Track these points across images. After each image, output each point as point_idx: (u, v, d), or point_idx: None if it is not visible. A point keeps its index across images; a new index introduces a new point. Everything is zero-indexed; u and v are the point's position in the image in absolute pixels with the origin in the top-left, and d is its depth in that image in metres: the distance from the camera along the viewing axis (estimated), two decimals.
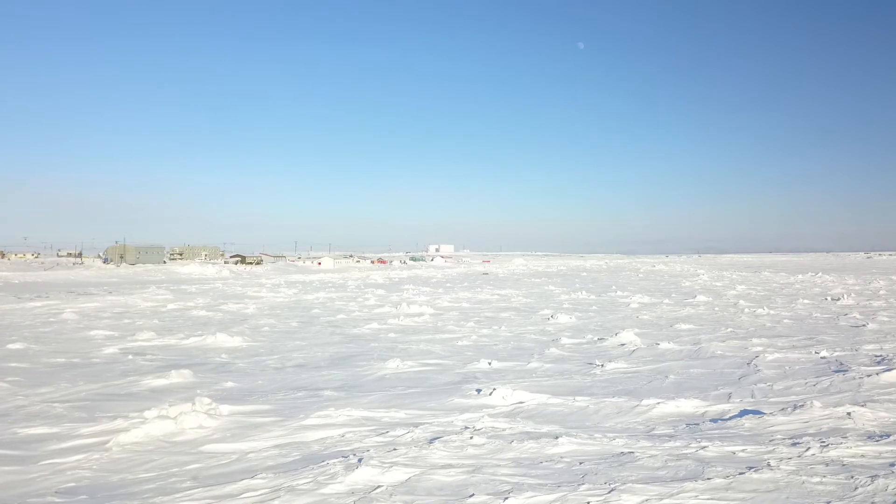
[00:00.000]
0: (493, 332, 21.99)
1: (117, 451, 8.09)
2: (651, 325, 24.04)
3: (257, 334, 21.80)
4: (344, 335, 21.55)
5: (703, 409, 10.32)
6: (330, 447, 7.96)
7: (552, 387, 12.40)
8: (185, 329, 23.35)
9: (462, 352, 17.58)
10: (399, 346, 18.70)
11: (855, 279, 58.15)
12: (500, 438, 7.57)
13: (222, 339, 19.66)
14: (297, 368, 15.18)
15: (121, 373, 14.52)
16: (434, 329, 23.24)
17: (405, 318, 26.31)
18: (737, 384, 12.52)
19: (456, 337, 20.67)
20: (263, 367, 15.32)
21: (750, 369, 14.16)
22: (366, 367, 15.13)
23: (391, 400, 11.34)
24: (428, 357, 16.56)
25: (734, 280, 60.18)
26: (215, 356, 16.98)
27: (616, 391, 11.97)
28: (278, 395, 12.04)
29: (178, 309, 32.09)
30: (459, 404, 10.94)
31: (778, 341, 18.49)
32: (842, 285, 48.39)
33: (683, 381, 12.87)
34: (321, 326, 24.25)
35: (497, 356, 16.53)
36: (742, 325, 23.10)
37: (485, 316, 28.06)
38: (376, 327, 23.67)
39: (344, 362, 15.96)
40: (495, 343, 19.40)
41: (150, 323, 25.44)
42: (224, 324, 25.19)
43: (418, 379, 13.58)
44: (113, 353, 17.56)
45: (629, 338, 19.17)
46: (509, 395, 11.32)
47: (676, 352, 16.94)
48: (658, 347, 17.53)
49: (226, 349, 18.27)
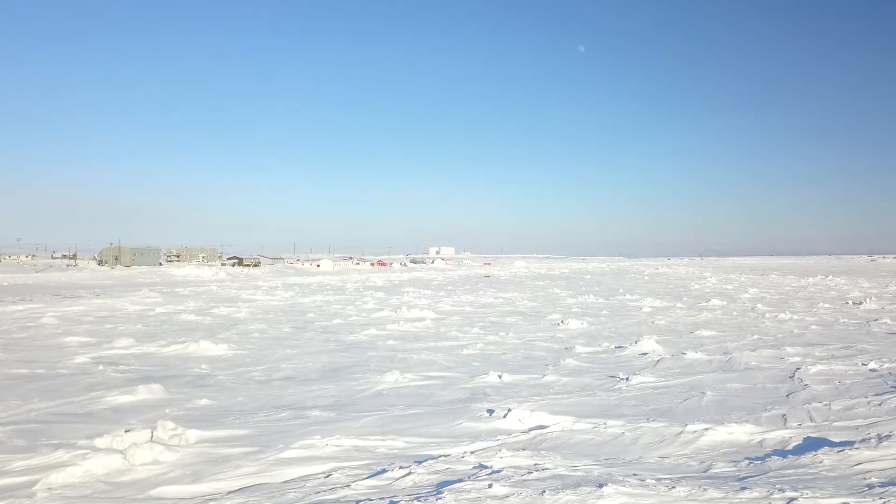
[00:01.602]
0: (500, 340, 20.34)
1: (43, 497, 6.45)
2: (669, 331, 22.39)
3: (245, 341, 20.14)
4: (339, 342, 19.89)
5: (759, 436, 8.67)
6: (310, 495, 6.31)
7: (575, 406, 10.75)
8: (168, 335, 21.70)
9: (468, 362, 15.93)
10: (398, 355, 17.05)
11: (868, 282, 56.49)
12: (527, 487, 5.92)
13: (206, 347, 18.01)
14: (285, 382, 13.53)
15: (85, 387, 12.86)
16: (436, 336, 21.59)
17: (405, 324, 24.66)
18: (786, 403, 10.87)
19: (460, 345, 19.02)
20: (246, 380, 13.67)
21: (795, 384, 12.51)
22: (361, 380, 13.48)
23: (389, 423, 9.69)
24: (430, 368, 14.92)
25: (744, 283, 58.49)
26: (195, 366, 15.33)
27: (650, 412, 10.32)
28: (258, 415, 10.39)
29: (165, 313, 30.43)
30: (469, 429, 9.30)
31: (814, 350, 16.84)
32: (857, 288, 46.71)
33: (724, 400, 11.21)
34: (315, 332, 22.60)
35: (507, 367, 14.88)
36: (768, 332, 21.45)
37: (490, 321, 26.40)
38: (374, 333, 22.02)
39: (337, 374, 14.31)
40: (503, 352, 17.75)
41: (132, 328, 23.79)
42: (212, 329, 23.55)
43: (420, 395, 11.93)
44: (83, 362, 15.90)
45: (650, 346, 17.52)
46: (527, 417, 9.68)
47: (706, 363, 15.28)
48: (684, 357, 15.88)
49: (208, 358, 16.62)
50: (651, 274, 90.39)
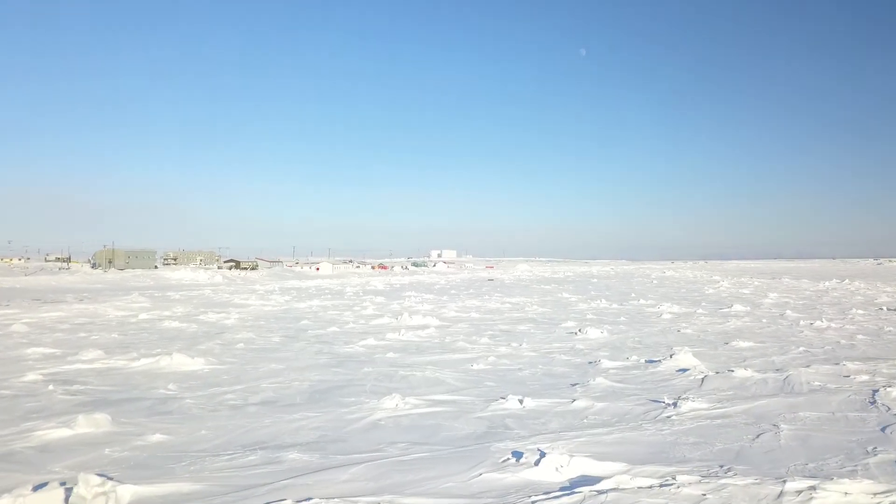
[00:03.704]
0: (513, 352, 18.10)
1: None
2: (700, 341, 20.13)
3: (227, 353, 17.92)
4: (332, 355, 17.66)
5: (885, 498, 6.42)
6: None
7: (623, 446, 8.50)
8: (143, 346, 19.48)
9: (480, 380, 13.69)
10: (399, 371, 14.81)
11: (889, 286, 54.17)
12: None
13: (179, 362, 15.78)
14: (262, 407, 11.29)
15: (20, 414, 10.65)
16: (441, 346, 19.35)
17: (407, 332, 22.42)
18: (888, 441, 8.62)
19: (469, 358, 16.79)
20: (217, 405, 11.44)
21: (882, 412, 10.25)
22: (354, 405, 11.24)
23: (386, 474, 7.45)
24: (436, 389, 12.67)
25: (759, 287, 56.17)
26: (161, 386, 13.09)
27: (720, 455, 8.07)
28: (220, 458, 8.15)
29: (148, 319, 28.21)
30: (492, 483, 7.06)
31: (879, 366, 14.58)
32: (882, 293, 44.42)
33: (807, 436, 8.96)
34: (307, 343, 20.36)
35: (527, 388, 12.65)
36: (812, 343, 19.19)
37: (499, 329, 24.15)
38: (372, 344, 19.78)
39: (326, 397, 12.07)
40: (519, 367, 15.51)
41: (106, 338, 21.58)
42: (194, 339, 21.33)
43: (426, 428, 9.68)
44: (33, 381, 13.66)
45: (688, 360, 15.28)
46: (565, 463, 7.43)
47: (760, 382, 13.02)
48: (732, 376, 13.61)
49: (180, 375, 14.40)
50: (658, 277, 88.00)
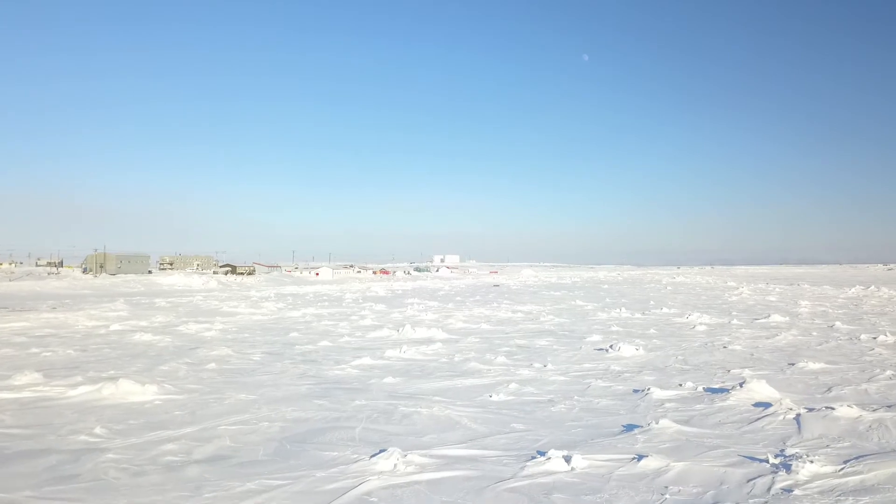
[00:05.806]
0: (537, 375, 14.96)
1: None
2: (758, 361, 16.98)
3: (192, 377, 14.79)
4: (318, 380, 14.53)
5: None
6: None
7: None
8: (94, 366, 16.38)
9: (504, 420, 10.54)
10: (400, 406, 11.63)
11: None
12: None
13: (126, 390, 12.65)
14: (209, 467, 8.15)
15: None
16: (451, 367, 16.21)
17: (409, 348, 19.24)
18: None
19: (485, 385, 13.66)
20: (147, 463, 8.30)
21: None
22: (335, 464, 8.10)
23: None
24: (449, 437, 9.52)
25: (784, 294, 52.90)
26: (87, 429, 9.96)
27: None
28: None
29: (119, 331, 25.11)
30: None
31: None
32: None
33: None
34: (291, 362, 17.22)
35: (568, 434, 9.52)
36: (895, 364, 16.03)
37: (516, 345, 20.97)
38: (368, 364, 16.65)
39: (299, 450, 8.93)
40: (550, 398, 12.36)
41: (58, 355, 18.47)
42: (160, 356, 18.21)
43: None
44: None
45: (764, 391, 12.13)
46: None
47: (878, 426, 9.84)
48: (836, 416, 10.39)
49: (119, 411, 11.28)
50: (670, 283, 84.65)
